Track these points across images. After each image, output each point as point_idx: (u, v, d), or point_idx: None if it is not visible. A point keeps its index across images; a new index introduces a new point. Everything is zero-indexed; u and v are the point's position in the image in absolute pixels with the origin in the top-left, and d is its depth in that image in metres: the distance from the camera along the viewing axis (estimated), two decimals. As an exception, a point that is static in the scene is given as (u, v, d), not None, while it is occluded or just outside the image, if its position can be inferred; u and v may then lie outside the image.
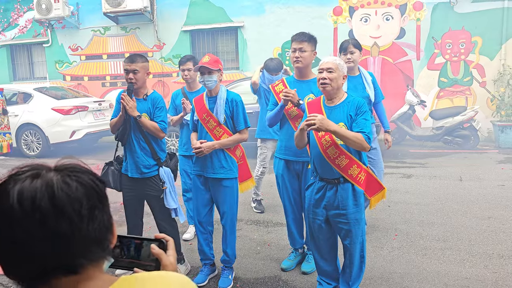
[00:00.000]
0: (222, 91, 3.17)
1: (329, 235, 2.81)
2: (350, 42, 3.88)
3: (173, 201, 3.26)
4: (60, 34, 11.94)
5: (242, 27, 10.58)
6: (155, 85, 11.45)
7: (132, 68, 3.08)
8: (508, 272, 3.22)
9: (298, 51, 3.18)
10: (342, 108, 2.67)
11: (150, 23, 11.19)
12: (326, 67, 2.65)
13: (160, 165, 3.24)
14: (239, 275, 3.36)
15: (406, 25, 9.53)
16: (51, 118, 8.89)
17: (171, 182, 3.28)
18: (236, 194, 3.25)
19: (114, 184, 3.30)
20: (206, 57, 3.13)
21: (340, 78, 2.66)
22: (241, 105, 3.16)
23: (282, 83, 3.35)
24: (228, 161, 3.17)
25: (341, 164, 2.61)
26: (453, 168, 6.68)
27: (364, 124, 2.58)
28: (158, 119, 3.17)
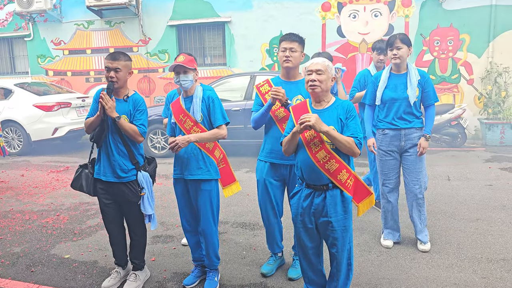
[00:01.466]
0: (198, 90, 3.07)
1: (317, 243, 2.72)
2: (397, 37, 3.58)
3: (149, 207, 3.15)
4: (42, 27, 11.63)
5: (230, 22, 10.41)
6: (141, 81, 11.24)
7: (114, 66, 2.94)
8: (497, 277, 3.17)
9: (289, 51, 3.08)
10: (331, 112, 2.58)
11: (135, 17, 10.95)
12: (315, 68, 2.55)
13: (139, 169, 3.12)
14: (223, 281, 3.26)
15: (395, 22, 9.48)
16: (32, 115, 8.66)
17: (149, 187, 3.16)
18: (215, 198, 3.14)
19: (87, 188, 3.16)
20: (181, 57, 3.00)
21: (329, 80, 2.58)
22: (217, 102, 3.07)
23: (267, 84, 3.23)
24: (206, 162, 3.06)
25: (331, 168, 2.52)
26: (441, 167, 6.65)
27: (355, 129, 2.51)
28: (138, 122, 3.03)
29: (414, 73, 3.60)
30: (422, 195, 3.71)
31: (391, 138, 3.69)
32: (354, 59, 9.83)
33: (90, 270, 3.52)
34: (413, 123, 3.63)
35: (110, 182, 3.07)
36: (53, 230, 4.48)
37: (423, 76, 3.64)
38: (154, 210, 3.24)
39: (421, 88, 3.62)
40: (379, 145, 3.80)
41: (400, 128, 3.64)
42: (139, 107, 3.07)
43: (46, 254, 3.86)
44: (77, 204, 5.35)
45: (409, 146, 3.65)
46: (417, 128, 3.65)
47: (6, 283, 3.34)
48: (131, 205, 3.13)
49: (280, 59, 3.15)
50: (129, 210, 3.16)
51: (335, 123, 2.54)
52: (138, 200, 3.10)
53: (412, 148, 3.65)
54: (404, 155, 3.70)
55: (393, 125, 3.67)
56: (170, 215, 4.81)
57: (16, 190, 6.17)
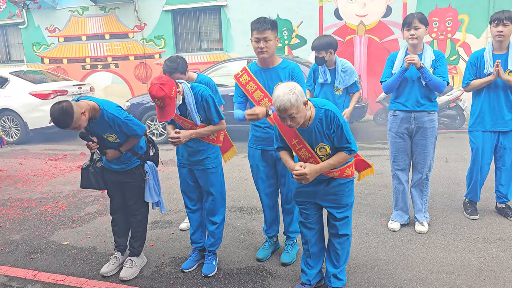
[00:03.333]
0: (188, 96, 2.91)
1: (318, 214, 2.77)
2: (415, 16, 3.41)
3: (155, 195, 3.25)
4: (36, 14, 11.49)
5: (226, 6, 10.29)
6: (137, 67, 11.16)
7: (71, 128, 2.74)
8: (493, 256, 3.19)
9: (263, 41, 2.91)
10: (317, 128, 2.47)
11: (130, 2, 10.81)
12: (286, 115, 2.32)
13: (143, 161, 3.20)
14: (221, 265, 3.28)
15: (393, 3, 9.36)
16: (29, 103, 8.62)
17: (155, 176, 3.23)
18: (222, 177, 3.25)
19: (98, 184, 3.23)
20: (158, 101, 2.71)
21: (303, 110, 2.36)
22: (211, 100, 2.94)
23: (246, 73, 3.13)
24: (210, 152, 3.11)
25: (334, 175, 2.59)
26: (439, 149, 6.62)
27: (345, 140, 2.46)
28: (132, 132, 3.00)
29: (429, 54, 3.50)
30: (426, 176, 3.72)
31: (401, 120, 3.65)
32: (352, 41, 9.74)
33: (89, 256, 3.54)
34: (425, 106, 3.55)
35: (115, 169, 3.16)
36: (51, 217, 4.49)
37: (437, 56, 3.52)
38: (161, 196, 3.36)
39: (433, 68, 3.52)
40: (390, 126, 3.77)
41: (411, 111, 3.58)
42: (119, 121, 2.91)
43: (45, 241, 3.88)
44: (75, 191, 5.35)
45: (419, 129, 3.59)
46: (429, 112, 3.56)
47: (6, 270, 3.36)
48: (134, 189, 3.19)
49: (255, 50, 2.98)
50: (131, 193, 3.20)
51: (325, 139, 2.49)
52: (142, 184, 3.18)
53: (423, 131, 3.59)
54: (414, 138, 3.66)
55: (404, 107, 3.61)
56: (169, 200, 4.82)
57: (15, 178, 6.17)
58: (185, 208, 3.35)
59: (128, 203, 3.24)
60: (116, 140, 3.02)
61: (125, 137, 3.04)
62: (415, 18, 3.42)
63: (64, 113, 2.64)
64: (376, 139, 7.55)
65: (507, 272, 2.96)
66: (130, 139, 3.06)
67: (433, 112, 3.59)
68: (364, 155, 6.41)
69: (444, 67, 3.51)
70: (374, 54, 9.58)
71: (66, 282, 3.14)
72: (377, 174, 5.40)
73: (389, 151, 3.85)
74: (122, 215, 3.31)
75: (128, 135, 3.02)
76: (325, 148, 2.51)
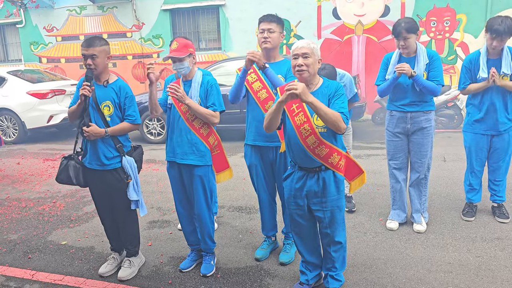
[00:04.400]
0: (197, 75, 3.02)
1: (312, 221, 2.74)
2: (403, 27, 3.39)
3: (135, 193, 3.09)
4: (34, 14, 11.47)
5: (224, 5, 10.28)
6: (135, 67, 11.15)
7: (90, 53, 2.82)
8: (491, 255, 3.20)
9: (267, 32, 3.03)
10: (320, 94, 2.53)
11: (128, 2, 10.80)
12: (301, 52, 2.46)
13: (123, 154, 3.05)
14: (220, 265, 3.28)
15: (391, 3, 9.37)
16: (26, 103, 8.59)
17: (134, 173, 3.09)
18: (209, 182, 3.11)
19: (76, 180, 3.08)
20: (174, 44, 2.94)
21: (316, 62, 2.51)
22: (216, 88, 3.02)
23: (254, 73, 3.15)
24: (199, 147, 3.02)
25: (321, 153, 2.51)
26: (437, 148, 6.65)
27: (341, 106, 2.46)
28: (129, 110, 2.99)
29: (422, 58, 3.49)
30: (424, 176, 3.72)
31: (397, 120, 3.66)
32: (350, 41, 9.75)
33: (87, 256, 3.54)
34: (421, 106, 3.56)
35: (94, 169, 3.03)
36: (49, 217, 4.48)
37: (431, 58, 3.52)
38: (142, 196, 3.19)
39: (427, 71, 3.51)
40: (387, 126, 3.79)
41: (407, 111, 3.60)
42: (127, 94, 3.01)
43: (43, 241, 3.87)
44: (73, 191, 5.34)
45: (416, 129, 3.60)
46: (425, 112, 3.57)
47: (4, 270, 3.35)
48: (118, 193, 3.08)
49: (259, 40, 3.10)
50: (116, 198, 3.10)
51: (325, 104, 2.49)
52: (125, 187, 3.05)
53: (419, 131, 3.60)
54: (411, 138, 3.67)
55: (400, 108, 3.63)
56: (167, 200, 4.81)
57: (12, 178, 6.16)
58: (177, 214, 3.30)
59: (116, 209, 3.16)
60: (110, 112, 2.95)
61: (118, 120, 3.01)
62: (403, 29, 3.40)
63: (100, 37, 2.91)
64: (374, 139, 7.56)
65: (504, 271, 2.97)
66: (122, 124, 2.99)
67: (430, 111, 3.60)
68: (362, 154, 6.43)
69: (438, 70, 3.50)
70: (372, 53, 9.59)
71: (64, 282, 3.13)
72: (375, 174, 5.41)
73: (386, 150, 3.86)
74: (111, 221, 3.24)
75: (124, 116, 3.00)
76: None
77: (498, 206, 3.90)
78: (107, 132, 2.93)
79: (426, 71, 3.51)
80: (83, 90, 2.82)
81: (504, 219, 3.78)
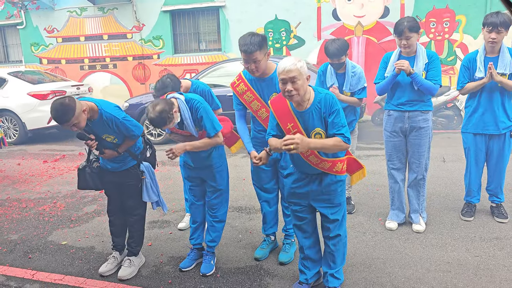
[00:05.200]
0: (184, 112, 2.91)
1: (312, 217, 2.78)
2: (405, 26, 3.39)
3: (153, 194, 3.27)
4: (34, 15, 11.49)
5: (224, 7, 10.30)
6: (135, 68, 11.17)
7: (70, 124, 2.72)
8: (490, 255, 3.21)
9: (252, 63, 2.86)
10: (314, 112, 2.48)
11: (129, 3, 10.82)
12: (288, 76, 2.36)
13: (139, 162, 3.20)
14: (220, 264, 3.30)
15: (390, 4, 9.39)
16: (27, 104, 8.62)
17: (151, 176, 3.25)
18: (227, 174, 3.30)
19: (95, 185, 3.21)
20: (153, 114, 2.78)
21: (305, 81, 2.42)
22: (204, 112, 2.93)
23: (243, 83, 3.11)
24: (214, 156, 3.14)
25: (325, 167, 2.57)
26: (436, 148, 6.66)
27: (339, 124, 2.45)
28: (130, 131, 3.00)
29: (422, 58, 3.50)
30: (422, 176, 3.73)
31: (395, 120, 3.68)
32: (350, 42, 9.76)
33: (88, 256, 3.55)
34: (419, 105, 3.57)
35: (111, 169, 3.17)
36: (50, 217, 4.50)
37: (431, 58, 3.53)
38: (161, 196, 3.39)
39: (426, 70, 3.53)
40: (385, 126, 3.80)
41: (404, 111, 3.61)
42: (116, 121, 2.93)
43: (43, 241, 3.88)
44: (73, 191, 5.36)
45: (413, 128, 3.62)
46: (423, 111, 3.58)
47: (4, 270, 3.36)
48: (132, 189, 3.19)
49: (247, 69, 2.96)
50: (129, 193, 3.20)
51: (320, 123, 2.49)
52: (139, 183, 3.18)
53: (416, 131, 3.61)
54: (409, 138, 3.68)
55: (397, 107, 3.65)
56: (167, 200, 4.82)
57: (13, 178, 6.17)
58: (189, 204, 3.37)
59: (126, 203, 3.25)
60: (115, 140, 3.04)
61: (123, 138, 3.06)
62: (406, 28, 3.40)
63: (66, 107, 2.65)
64: (374, 139, 7.57)
65: (503, 271, 2.98)
66: (127, 139, 3.07)
67: (427, 111, 3.61)
68: (362, 155, 6.44)
69: (436, 70, 3.52)
70: (372, 54, 9.61)
71: (65, 281, 3.15)
72: (375, 174, 5.42)
73: (385, 151, 3.87)
74: (119, 215, 3.32)
75: (125, 135, 3.03)
76: (320, 134, 2.50)
77: (496, 206, 3.91)
78: (120, 153, 3.08)
79: (425, 71, 3.53)
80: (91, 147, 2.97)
81: (503, 219, 3.79)
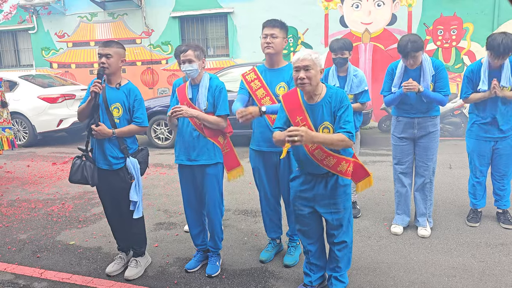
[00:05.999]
0: (204, 79, 3.08)
1: (317, 222, 2.78)
2: (410, 49, 3.37)
3: (135, 194, 3.12)
4: (45, 20, 11.68)
5: (232, 13, 10.41)
6: (144, 73, 11.29)
7: (105, 52, 2.94)
8: (495, 261, 3.20)
9: (270, 37, 3.04)
10: (324, 106, 2.52)
11: (138, 9, 10.97)
12: (302, 64, 2.43)
13: (127, 155, 3.10)
14: (225, 266, 3.32)
15: (398, 11, 9.43)
16: (37, 107, 8.73)
17: (137, 174, 3.13)
18: (220, 181, 3.21)
19: (92, 179, 3.09)
20: (185, 47, 3.04)
21: (318, 73, 2.47)
22: (224, 92, 3.08)
23: (253, 72, 3.22)
24: (209, 146, 3.09)
25: (330, 164, 2.57)
26: (443, 155, 6.66)
27: (346, 120, 2.47)
28: (137, 112, 3.06)
29: (428, 69, 3.51)
30: (430, 180, 3.74)
31: (404, 125, 3.71)
32: (357, 49, 9.80)
33: (95, 256, 3.59)
34: (427, 112, 3.61)
35: (103, 169, 3.10)
36: (58, 218, 4.56)
37: (437, 68, 3.54)
38: (142, 198, 3.21)
39: (433, 82, 3.56)
40: (393, 130, 3.83)
41: (414, 117, 3.65)
42: (136, 97, 3.09)
43: (52, 241, 3.94)
44: (81, 193, 5.42)
45: (422, 134, 3.65)
46: (432, 117, 3.62)
47: (13, 268, 3.42)
48: (122, 193, 3.13)
49: (262, 45, 3.10)
50: (120, 198, 3.16)
51: (329, 117, 2.51)
52: (128, 187, 3.11)
53: (425, 136, 3.64)
54: (417, 142, 3.71)
55: (406, 113, 3.68)
56: (173, 203, 4.87)
57: (22, 180, 6.26)
58: (186, 217, 3.34)
59: (121, 208, 3.20)
60: (119, 114, 3.03)
61: (126, 122, 3.08)
62: (411, 51, 3.38)
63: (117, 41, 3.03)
64: (381, 146, 7.58)
65: (509, 276, 2.98)
66: (129, 126, 3.06)
67: (436, 117, 3.65)
68: (368, 161, 6.45)
69: (444, 80, 3.54)
70: (379, 61, 9.64)
71: (72, 280, 3.19)
72: (381, 180, 5.42)
73: (392, 155, 3.89)
74: (118, 221, 3.29)
75: (132, 118, 3.06)
76: (328, 128, 2.51)
77: (502, 212, 3.91)
78: (114, 133, 3.01)
79: (432, 82, 3.55)
80: (94, 87, 2.91)
81: (509, 225, 3.78)
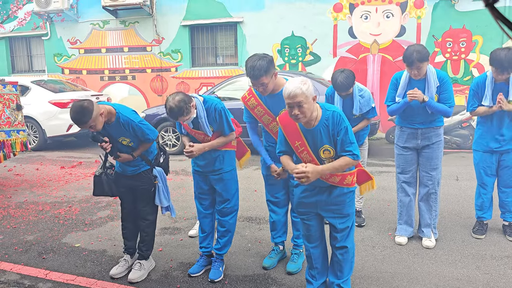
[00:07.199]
0: (200, 111, 3.05)
1: (320, 227, 2.80)
2: (415, 58, 3.36)
3: (165, 200, 3.34)
4: (59, 27, 11.89)
5: (242, 22, 10.52)
6: (154, 80, 11.41)
7: (87, 127, 2.88)
8: (500, 273, 3.18)
9: (260, 86, 2.96)
10: (322, 130, 2.51)
11: (149, 17, 11.13)
12: (294, 101, 2.36)
13: (152, 166, 3.29)
14: (228, 271, 3.33)
15: (407, 23, 9.46)
16: (48, 111, 8.87)
17: (163, 181, 3.33)
18: (237, 181, 3.37)
19: (110, 191, 3.32)
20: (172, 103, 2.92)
21: (311, 103, 2.42)
22: (223, 113, 3.10)
23: (253, 98, 3.20)
24: (225, 159, 3.24)
25: (335, 181, 2.61)
26: (450, 167, 6.62)
27: (348, 141, 2.48)
28: (145, 135, 3.12)
29: (433, 81, 3.50)
30: (435, 191, 3.72)
31: (408, 135, 3.71)
32: (366, 60, 9.83)
33: (99, 258, 3.63)
34: (431, 123, 3.61)
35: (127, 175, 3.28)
36: (65, 220, 4.61)
37: (441, 80, 3.53)
38: (171, 201, 3.46)
39: (438, 93, 3.55)
40: (397, 140, 3.83)
41: (417, 128, 3.65)
42: (132, 124, 3.06)
43: (58, 243, 3.98)
44: (88, 196, 5.48)
45: (426, 144, 3.65)
46: (435, 127, 3.62)
47: (19, 268, 3.46)
48: (145, 192, 3.28)
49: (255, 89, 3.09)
50: (142, 197, 3.29)
51: (328, 141, 2.52)
52: (151, 187, 3.27)
53: (429, 146, 3.64)
54: (421, 151, 3.71)
55: (410, 125, 3.69)
56: (179, 208, 4.90)
57: (31, 182, 6.34)
58: (197, 213, 3.44)
59: (138, 206, 3.33)
60: (130, 144, 3.14)
61: (139, 142, 3.16)
62: (416, 60, 3.37)
63: (84, 109, 2.79)
64: (388, 156, 7.56)
65: (513, 289, 2.95)
66: (142, 143, 3.18)
67: (439, 127, 3.65)
68: (374, 171, 6.44)
69: (448, 92, 3.53)
70: (387, 72, 9.64)
71: (76, 282, 3.22)
72: (386, 190, 5.41)
73: (395, 164, 3.89)
74: (132, 219, 3.40)
75: (141, 139, 3.14)
76: (329, 151, 2.54)
77: (509, 225, 3.87)
78: (135, 157, 3.18)
79: (437, 93, 3.55)
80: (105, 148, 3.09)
81: None
